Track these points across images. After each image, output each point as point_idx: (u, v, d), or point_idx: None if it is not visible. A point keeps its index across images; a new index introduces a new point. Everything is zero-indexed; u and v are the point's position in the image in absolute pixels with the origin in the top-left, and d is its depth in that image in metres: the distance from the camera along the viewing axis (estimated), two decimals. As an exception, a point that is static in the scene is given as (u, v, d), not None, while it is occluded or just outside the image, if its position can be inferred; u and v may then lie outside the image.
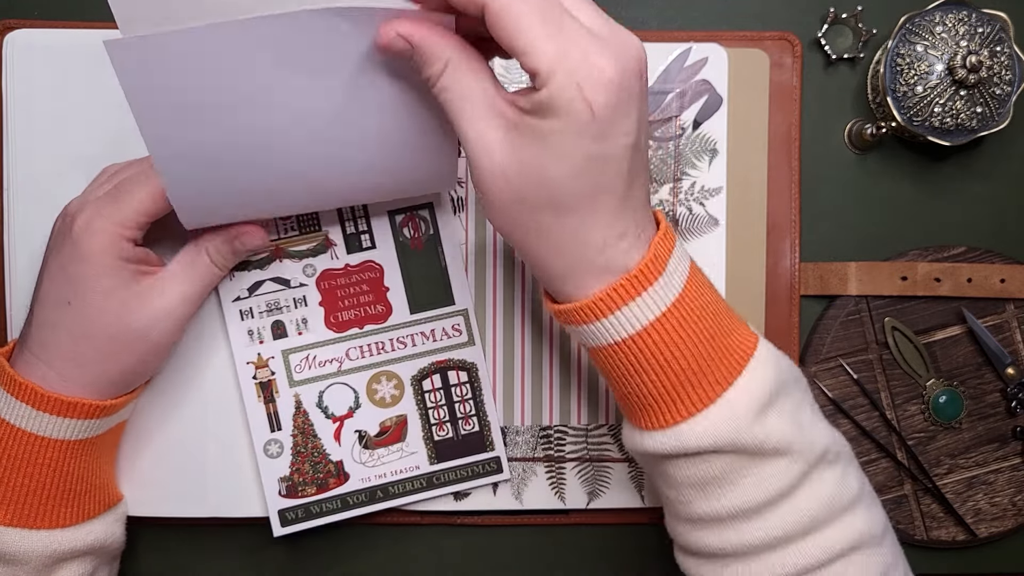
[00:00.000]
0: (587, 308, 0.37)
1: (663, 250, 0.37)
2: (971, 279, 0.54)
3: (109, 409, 0.44)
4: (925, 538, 0.55)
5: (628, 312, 0.36)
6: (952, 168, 0.56)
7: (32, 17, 0.52)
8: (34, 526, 0.43)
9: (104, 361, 0.43)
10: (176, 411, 0.51)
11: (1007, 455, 0.55)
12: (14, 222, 0.50)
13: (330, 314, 0.50)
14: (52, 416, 0.42)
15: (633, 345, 0.37)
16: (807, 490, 0.38)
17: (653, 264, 0.36)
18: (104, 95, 0.49)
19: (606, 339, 0.37)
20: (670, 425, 0.38)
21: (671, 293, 0.37)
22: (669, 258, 0.37)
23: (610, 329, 0.37)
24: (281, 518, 0.50)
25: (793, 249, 0.54)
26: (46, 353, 0.43)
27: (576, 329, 0.38)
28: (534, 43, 0.32)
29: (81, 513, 0.45)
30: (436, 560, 0.54)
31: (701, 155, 0.52)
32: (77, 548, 0.45)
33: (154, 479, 0.51)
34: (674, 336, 0.37)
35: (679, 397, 0.37)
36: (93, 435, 0.45)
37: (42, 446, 0.43)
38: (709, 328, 0.38)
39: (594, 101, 0.33)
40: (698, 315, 0.37)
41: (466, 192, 0.52)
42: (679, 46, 0.52)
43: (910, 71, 0.51)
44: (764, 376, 0.38)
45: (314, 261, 0.50)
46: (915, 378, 0.54)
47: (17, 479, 0.43)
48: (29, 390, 0.42)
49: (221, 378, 0.51)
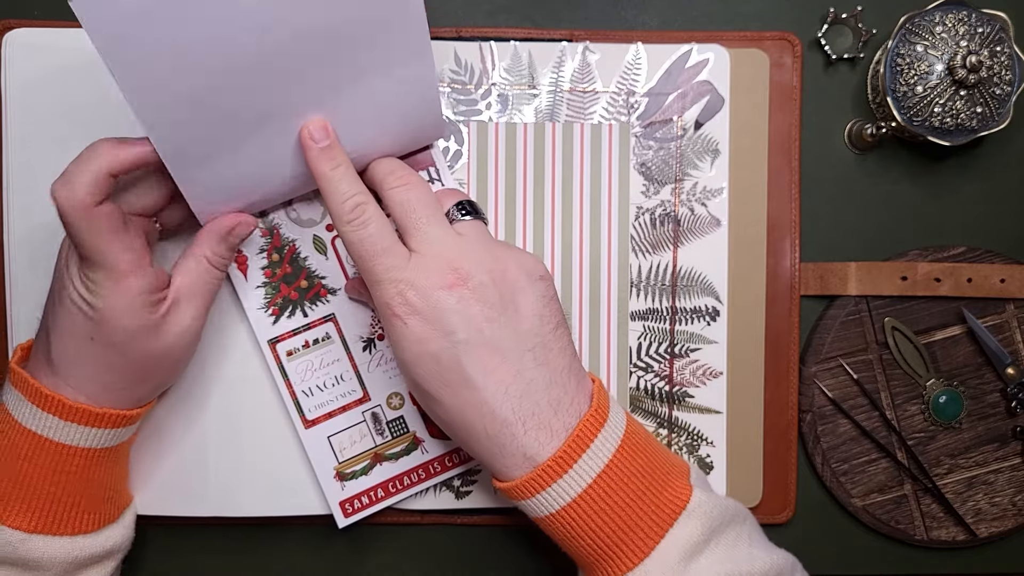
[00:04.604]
0: (514, 490, 0.41)
1: (587, 431, 0.40)
2: (971, 279, 0.54)
3: (134, 418, 0.45)
4: (925, 538, 0.55)
5: (551, 492, 0.40)
6: (952, 168, 0.56)
7: (32, 17, 0.52)
8: (58, 533, 0.43)
9: (131, 386, 0.44)
10: (179, 411, 0.51)
11: (1007, 455, 0.55)
12: (14, 222, 0.50)
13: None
14: (79, 426, 0.42)
15: (562, 517, 0.40)
16: None
17: (571, 451, 0.40)
18: (104, 95, 0.49)
19: (536, 513, 0.41)
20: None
21: (595, 467, 0.40)
22: (595, 438, 0.40)
23: (538, 506, 0.41)
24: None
25: (793, 249, 0.54)
26: (75, 381, 0.43)
27: (512, 502, 0.42)
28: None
29: (102, 519, 0.45)
30: (436, 560, 0.54)
31: (703, 156, 0.52)
32: (97, 553, 0.45)
33: (157, 479, 0.51)
34: (601, 504, 0.40)
35: (614, 555, 0.40)
36: (118, 443, 0.45)
37: (69, 454, 0.43)
38: (639, 489, 0.40)
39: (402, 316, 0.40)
40: (625, 481, 0.40)
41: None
42: (680, 47, 0.52)
43: (910, 71, 0.51)
44: (694, 525, 0.40)
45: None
46: (915, 378, 0.54)
47: (43, 487, 0.43)
48: (56, 401, 0.42)
49: (224, 377, 0.51)
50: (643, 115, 0.52)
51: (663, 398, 0.53)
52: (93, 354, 0.42)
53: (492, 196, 0.52)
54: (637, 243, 0.52)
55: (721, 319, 0.53)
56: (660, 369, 0.53)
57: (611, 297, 0.52)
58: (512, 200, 0.52)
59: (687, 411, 0.53)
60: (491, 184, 0.52)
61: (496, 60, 0.52)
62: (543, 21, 0.54)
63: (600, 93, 0.52)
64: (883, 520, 0.54)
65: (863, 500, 0.55)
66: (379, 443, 0.51)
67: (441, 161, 0.51)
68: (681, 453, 0.53)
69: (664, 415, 0.53)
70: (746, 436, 0.53)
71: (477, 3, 0.54)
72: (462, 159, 0.52)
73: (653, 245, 0.52)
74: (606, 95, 0.52)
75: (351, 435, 0.51)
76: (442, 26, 0.53)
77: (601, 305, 0.52)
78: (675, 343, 0.53)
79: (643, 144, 0.52)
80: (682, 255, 0.53)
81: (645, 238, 0.52)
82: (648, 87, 0.52)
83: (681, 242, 0.52)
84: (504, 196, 0.52)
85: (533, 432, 0.40)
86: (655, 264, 0.52)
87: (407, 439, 0.51)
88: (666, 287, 0.53)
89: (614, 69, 0.52)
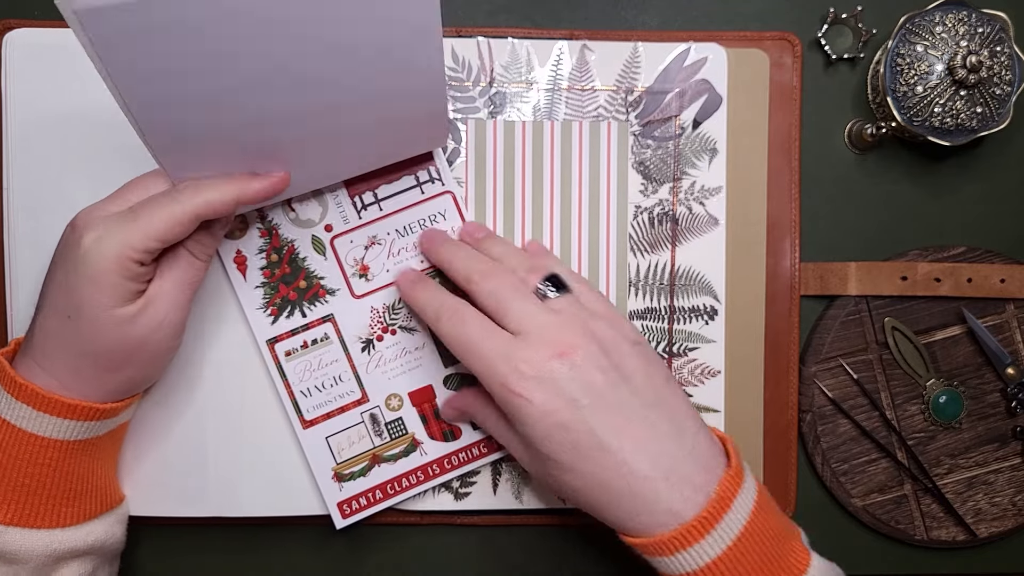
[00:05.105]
0: (656, 546, 0.40)
1: (730, 489, 0.41)
2: (971, 279, 0.54)
3: (110, 412, 0.45)
4: (925, 538, 0.55)
5: (696, 550, 0.40)
6: (952, 168, 0.56)
7: (32, 17, 0.52)
8: (35, 525, 0.43)
9: (103, 375, 0.43)
10: (177, 410, 0.51)
11: (1007, 455, 0.55)
12: (14, 222, 0.50)
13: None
14: (52, 417, 0.42)
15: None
16: None
17: (717, 509, 0.40)
18: (104, 95, 0.48)
19: (675, 570, 0.41)
20: None
21: (737, 526, 0.40)
22: (736, 495, 0.41)
23: (679, 563, 0.40)
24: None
25: (793, 249, 0.54)
26: (47, 362, 0.43)
27: (647, 559, 0.42)
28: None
29: (82, 513, 0.45)
30: (436, 560, 0.54)
31: (701, 154, 0.52)
32: (77, 548, 0.45)
33: (155, 479, 0.51)
34: (738, 565, 0.40)
35: None
36: (93, 436, 0.45)
37: (42, 446, 0.43)
38: (769, 552, 0.41)
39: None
40: (760, 542, 0.40)
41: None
42: (678, 46, 0.52)
43: (910, 71, 0.51)
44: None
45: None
46: (915, 378, 0.54)
47: (18, 478, 0.43)
48: (30, 391, 0.42)
49: (223, 377, 0.51)
50: (641, 114, 0.52)
51: (662, 397, 0.53)
52: (68, 334, 0.42)
53: (490, 195, 0.52)
54: (635, 242, 0.52)
55: (719, 318, 0.53)
56: (659, 368, 0.53)
57: (610, 296, 0.52)
58: (510, 199, 0.52)
59: (686, 410, 0.53)
60: (489, 183, 0.52)
61: (494, 58, 0.52)
62: (543, 21, 0.54)
63: (598, 91, 0.52)
64: (883, 520, 0.54)
65: (863, 500, 0.54)
66: (377, 444, 0.51)
67: (441, 160, 0.51)
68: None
69: (663, 414, 0.53)
70: (746, 436, 0.53)
71: (477, 3, 0.54)
72: (460, 157, 0.52)
73: (651, 244, 0.52)
74: (604, 93, 0.52)
75: (349, 436, 0.51)
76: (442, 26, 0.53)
77: (600, 304, 0.52)
78: (673, 342, 0.53)
79: (641, 143, 0.52)
80: (680, 254, 0.52)
81: (643, 237, 0.52)
82: (646, 85, 0.52)
83: (679, 241, 0.52)
84: (502, 195, 0.52)
85: (677, 487, 0.40)
86: (653, 263, 0.52)
87: (406, 440, 0.51)
88: (664, 286, 0.53)
89: (612, 67, 0.52)
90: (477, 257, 0.47)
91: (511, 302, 0.43)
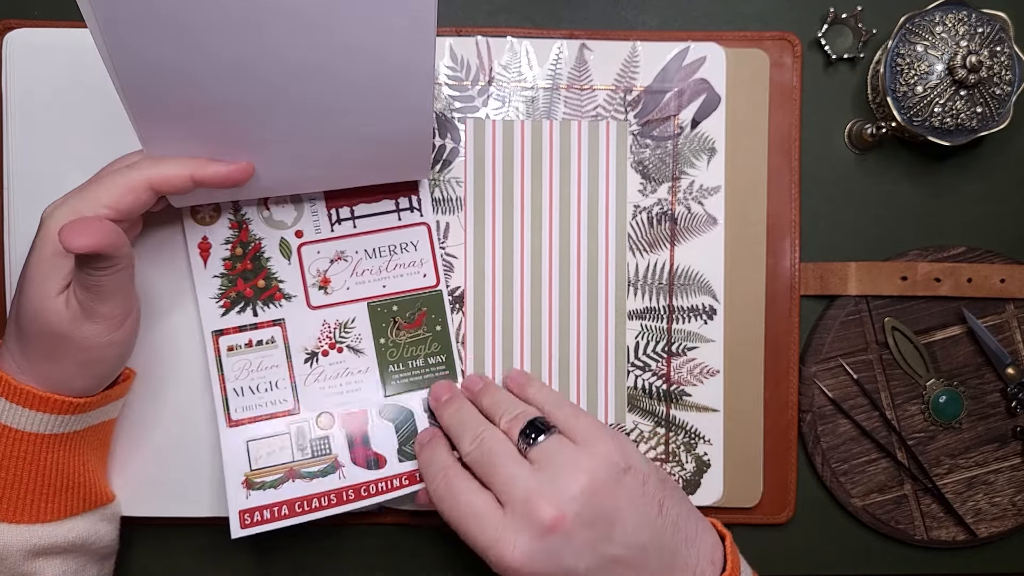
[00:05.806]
0: None
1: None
2: (971, 279, 0.54)
3: (83, 406, 0.44)
4: (925, 538, 0.55)
5: None
6: (952, 168, 0.56)
7: (32, 17, 0.52)
8: (13, 520, 0.43)
9: (43, 360, 0.42)
10: (168, 410, 0.51)
11: (1007, 455, 0.55)
12: (14, 221, 0.50)
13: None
14: (24, 409, 0.42)
15: None
16: None
17: None
18: (104, 95, 0.49)
19: None
20: None
21: None
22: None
23: None
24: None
25: (793, 249, 0.54)
26: (8, 342, 0.43)
27: None
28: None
29: (63, 509, 0.45)
30: (435, 560, 0.54)
31: (699, 154, 0.52)
32: (58, 544, 0.44)
33: (148, 479, 0.51)
34: None
35: None
36: (69, 431, 0.44)
37: (17, 439, 0.43)
38: None
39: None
40: None
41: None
42: (677, 45, 0.52)
43: (910, 71, 0.51)
44: None
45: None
46: (915, 378, 0.54)
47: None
48: (4, 381, 0.42)
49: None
50: (640, 113, 0.52)
51: (661, 397, 0.52)
52: (15, 311, 0.42)
53: (489, 194, 0.52)
54: (634, 242, 0.52)
55: (718, 318, 0.53)
56: (658, 368, 0.53)
57: (609, 296, 0.52)
58: (509, 198, 0.52)
59: (684, 409, 0.53)
60: (488, 182, 0.52)
61: (493, 57, 0.52)
62: (543, 21, 0.54)
63: (597, 91, 0.52)
64: (883, 520, 0.54)
65: (863, 500, 0.54)
66: (297, 459, 0.49)
67: (425, 192, 0.51)
68: (679, 452, 0.52)
69: (662, 414, 0.53)
70: (746, 436, 0.53)
71: (477, 3, 0.54)
72: (459, 157, 0.52)
73: (650, 244, 0.52)
74: (603, 93, 0.52)
75: (271, 444, 0.49)
76: (442, 26, 0.53)
77: (599, 304, 0.52)
78: (672, 342, 0.53)
79: (640, 142, 0.52)
80: (679, 254, 0.52)
81: (642, 236, 0.52)
82: (645, 85, 0.52)
83: (678, 241, 0.52)
84: (501, 194, 0.52)
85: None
86: (652, 263, 0.52)
87: (327, 460, 0.49)
88: (663, 286, 0.53)
89: (611, 67, 0.52)
90: (470, 422, 0.47)
91: (496, 468, 0.43)
